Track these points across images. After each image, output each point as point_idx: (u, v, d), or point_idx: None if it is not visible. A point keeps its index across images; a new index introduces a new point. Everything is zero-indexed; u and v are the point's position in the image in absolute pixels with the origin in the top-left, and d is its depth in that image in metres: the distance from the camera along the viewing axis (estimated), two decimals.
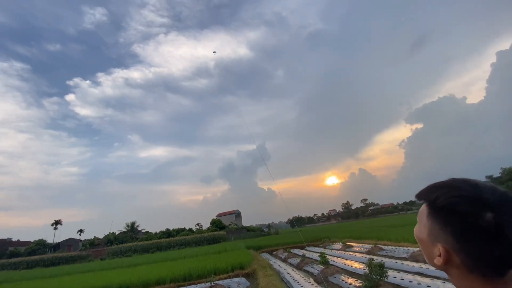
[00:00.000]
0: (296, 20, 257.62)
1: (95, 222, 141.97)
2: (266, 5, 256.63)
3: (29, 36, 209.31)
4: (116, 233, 60.96)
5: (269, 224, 76.12)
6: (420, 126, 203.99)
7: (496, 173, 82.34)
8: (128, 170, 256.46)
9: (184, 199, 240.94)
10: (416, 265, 10.17)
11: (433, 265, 0.69)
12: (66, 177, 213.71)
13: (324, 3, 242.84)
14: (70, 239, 69.56)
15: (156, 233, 61.53)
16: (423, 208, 0.73)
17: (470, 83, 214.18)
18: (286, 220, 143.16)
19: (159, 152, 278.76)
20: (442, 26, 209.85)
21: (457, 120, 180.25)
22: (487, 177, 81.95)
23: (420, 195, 0.73)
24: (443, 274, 8.16)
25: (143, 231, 65.01)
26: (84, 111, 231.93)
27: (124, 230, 62.91)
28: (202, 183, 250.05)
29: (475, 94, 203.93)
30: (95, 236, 64.19)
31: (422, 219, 0.73)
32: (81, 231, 75.74)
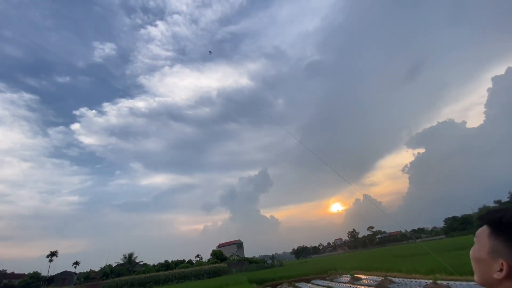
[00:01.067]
0: (294, 53, 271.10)
1: (92, 253, 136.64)
2: (266, 40, 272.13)
3: (40, 69, 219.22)
4: (113, 266, 58.35)
5: (272, 255, 72.93)
6: (422, 150, 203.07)
7: (504, 198, 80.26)
8: (128, 198, 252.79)
9: (184, 228, 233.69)
10: None
11: (487, 282, 0.77)
12: (66, 206, 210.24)
13: (321, 37, 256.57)
14: (65, 272, 66.67)
15: (154, 266, 58.79)
16: (483, 229, 0.81)
17: (468, 108, 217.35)
18: (290, 250, 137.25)
19: (160, 179, 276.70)
20: (437, 53, 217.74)
21: (459, 144, 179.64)
22: (495, 201, 79.74)
23: (483, 216, 0.81)
24: None
25: (141, 263, 62.21)
26: (88, 140, 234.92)
27: (121, 262, 60.27)
28: (202, 211, 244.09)
29: (475, 118, 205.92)
30: (90, 269, 61.40)
31: (483, 238, 0.80)
32: (76, 263, 72.72)
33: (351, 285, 16.44)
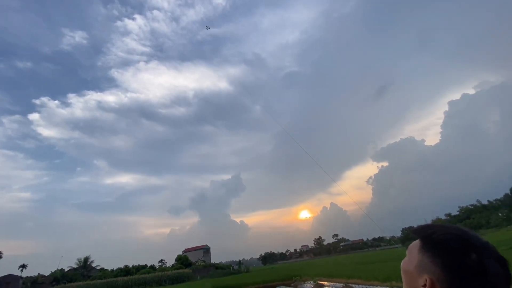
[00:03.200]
0: (274, 62, 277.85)
1: (42, 256, 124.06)
2: (247, 46, 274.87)
3: None
4: (65, 270, 53.65)
5: (239, 261, 72.12)
6: (385, 164, 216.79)
7: (454, 211, 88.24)
8: (89, 198, 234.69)
9: (148, 232, 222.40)
10: None
11: None
12: (16, 203, 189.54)
13: (299, 49, 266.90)
14: (10, 275, 59.90)
15: (112, 270, 55.07)
16: (416, 243, 0.83)
17: (427, 127, 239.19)
18: (258, 256, 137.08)
19: (125, 179, 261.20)
20: (402, 76, 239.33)
21: (417, 160, 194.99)
22: (446, 215, 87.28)
23: (416, 231, 0.83)
24: None
25: (98, 267, 57.98)
26: (47, 132, 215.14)
27: (75, 266, 55.67)
28: (170, 214, 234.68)
29: (432, 137, 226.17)
30: (39, 273, 55.88)
31: (413, 251, 0.82)
32: (23, 266, 65.62)
33: None
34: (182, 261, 60.33)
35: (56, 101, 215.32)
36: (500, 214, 62.23)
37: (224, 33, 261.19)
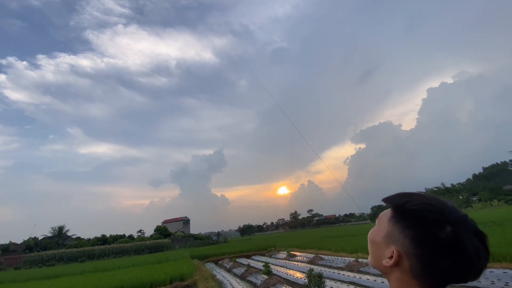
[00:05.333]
0: (262, 36, 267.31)
1: (14, 224, 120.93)
2: (235, 16, 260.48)
3: None
4: (39, 239, 52.72)
5: (218, 232, 74.41)
6: (363, 146, 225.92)
7: None
8: (63, 167, 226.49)
9: (127, 203, 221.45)
10: (351, 274, 10.81)
11: (378, 266, 0.72)
12: None
13: (289, 24, 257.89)
14: None
15: (89, 240, 54.94)
16: (387, 211, 0.76)
17: (405, 113, 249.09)
18: (236, 228, 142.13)
19: (102, 149, 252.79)
20: (386, 62, 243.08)
21: (393, 144, 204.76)
22: None
23: (388, 199, 0.75)
24: (376, 284, 8.82)
25: (74, 236, 57.52)
26: (15, 95, 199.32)
27: (50, 235, 54.83)
28: (150, 186, 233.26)
29: (408, 123, 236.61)
30: (10, 241, 54.42)
31: (383, 221, 0.75)
32: None
33: (287, 261, 17.88)
34: (161, 231, 61.22)
35: (24, 62, 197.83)
36: (460, 197, 67.86)
37: (211, 0, 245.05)
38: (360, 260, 12.36)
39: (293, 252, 20.85)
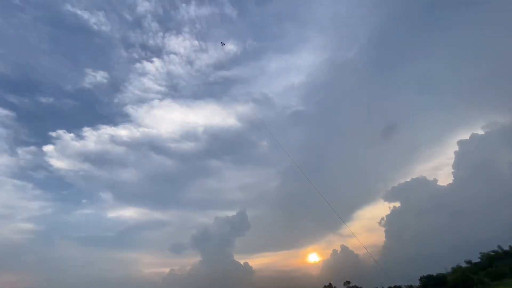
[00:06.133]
0: (280, 101, 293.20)
1: None
2: (255, 87, 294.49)
3: (25, 87, 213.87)
4: None
5: None
6: (397, 204, 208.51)
7: (475, 258, 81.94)
8: (91, 231, 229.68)
9: (147, 271, 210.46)
10: None
11: None
12: (17, 234, 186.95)
13: (304, 90, 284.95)
14: None
15: None
16: None
17: (438, 167, 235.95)
18: None
19: (129, 213, 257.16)
20: (408, 117, 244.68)
21: (431, 201, 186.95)
22: (466, 262, 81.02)
23: None
24: None
25: None
26: (59, 163, 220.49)
27: None
28: (171, 252, 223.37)
29: (444, 177, 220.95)
30: None
31: None
32: None
33: None
34: None
35: (71, 134, 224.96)
36: None
37: (234, 75, 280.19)
38: None
39: None
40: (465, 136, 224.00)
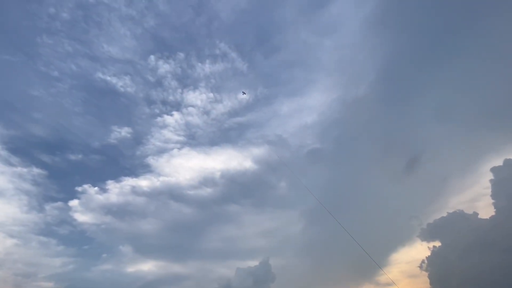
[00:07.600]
0: (295, 141, 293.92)
1: None
2: (269, 129, 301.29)
3: (57, 147, 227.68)
4: None
5: None
6: (437, 244, 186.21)
7: None
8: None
9: None
10: None
11: None
12: None
13: (318, 129, 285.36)
14: None
15: None
16: None
17: (475, 199, 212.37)
18: None
19: (148, 266, 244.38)
20: (432, 147, 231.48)
21: (475, 237, 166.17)
22: None
23: None
24: None
25: None
26: (82, 218, 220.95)
27: None
28: None
29: (485, 209, 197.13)
30: None
31: None
32: None
33: None
34: None
35: (96, 188, 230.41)
36: None
37: (248, 120, 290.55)
38: None
39: None
40: (498, 162, 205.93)
